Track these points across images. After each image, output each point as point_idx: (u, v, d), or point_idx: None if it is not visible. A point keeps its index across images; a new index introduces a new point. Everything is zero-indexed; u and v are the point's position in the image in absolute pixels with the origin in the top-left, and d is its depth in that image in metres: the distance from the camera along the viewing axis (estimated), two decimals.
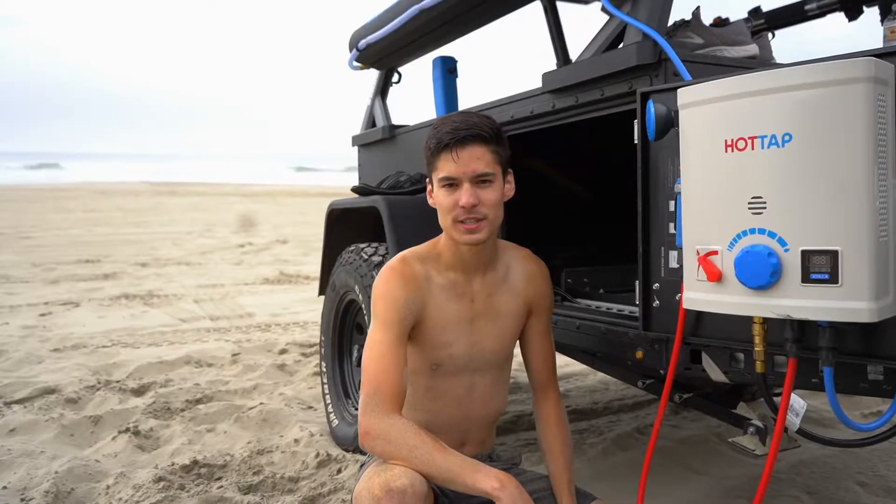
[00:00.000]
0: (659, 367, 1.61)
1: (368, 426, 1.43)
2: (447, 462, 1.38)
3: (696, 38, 1.77)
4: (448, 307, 1.60)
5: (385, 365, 1.48)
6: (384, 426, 1.41)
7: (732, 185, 1.22)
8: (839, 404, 1.26)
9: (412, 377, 1.65)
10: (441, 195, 1.54)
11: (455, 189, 1.52)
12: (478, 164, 1.50)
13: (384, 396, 1.45)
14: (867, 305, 1.10)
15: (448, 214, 1.53)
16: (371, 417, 1.43)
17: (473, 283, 1.63)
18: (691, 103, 1.29)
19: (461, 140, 1.50)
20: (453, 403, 1.66)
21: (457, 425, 1.68)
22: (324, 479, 2.25)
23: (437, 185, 1.55)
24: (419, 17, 2.42)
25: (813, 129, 1.12)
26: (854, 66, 1.09)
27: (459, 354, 1.62)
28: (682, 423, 2.81)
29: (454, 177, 1.51)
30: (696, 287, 1.30)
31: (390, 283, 1.55)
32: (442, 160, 1.52)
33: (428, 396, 1.65)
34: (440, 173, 1.53)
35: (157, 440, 2.66)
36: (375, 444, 1.42)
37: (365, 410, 1.45)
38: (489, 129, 1.53)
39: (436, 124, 1.58)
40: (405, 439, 1.40)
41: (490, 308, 1.64)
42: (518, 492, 1.36)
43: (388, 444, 1.40)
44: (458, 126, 1.51)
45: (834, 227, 1.11)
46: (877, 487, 2.21)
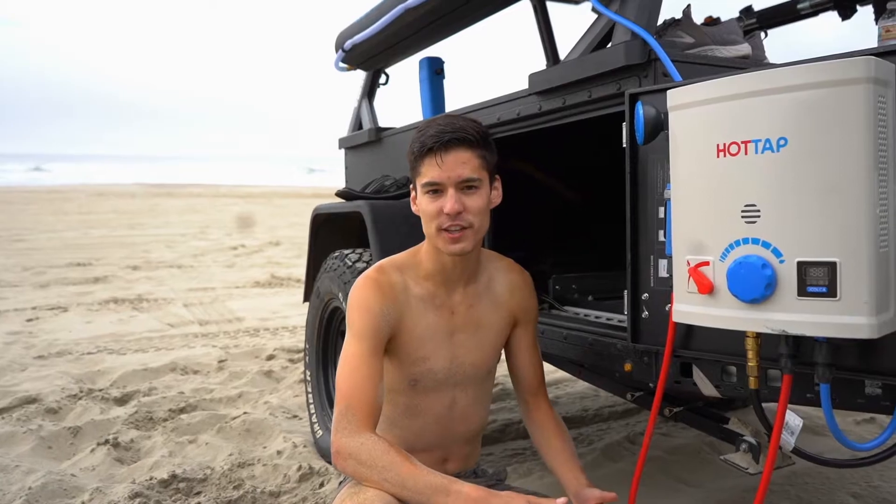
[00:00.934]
0: (648, 380, 1.55)
1: (340, 445, 1.36)
2: (417, 484, 1.31)
3: (686, 37, 1.71)
4: (426, 319, 1.53)
5: (358, 379, 1.41)
6: (355, 445, 1.34)
7: (725, 192, 1.15)
8: (836, 423, 1.19)
9: (391, 394, 1.58)
10: (425, 201, 1.47)
11: (439, 195, 1.45)
12: (463, 169, 1.43)
13: (356, 413, 1.38)
14: (867, 321, 1.03)
15: (432, 222, 1.46)
16: (343, 436, 1.36)
17: (454, 295, 1.56)
18: (681, 105, 1.23)
19: (446, 144, 1.43)
20: (434, 420, 1.59)
21: (438, 443, 1.62)
22: (305, 493, 2.19)
23: (421, 191, 1.48)
24: (404, 16, 2.36)
25: (809, 132, 1.05)
26: (853, 66, 1.02)
27: (438, 369, 1.55)
28: (673, 432, 2.74)
29: (438, 182, 1.44)
30: (687, 299, 1.24)
31: (365, 293, 1.48)
32: (426, 165, 1.45)
33: (407, 414, 1.58)
34: (424, 178, 1.46)
35: (137, 452, 2.58)
36: (347, 465, 1.35)
37: (337, 428, 1.38)
38: (476, 133, 1.47)
39: (420, 127, 1.51)
40: (376, 459, 1.33)
41: (471, 320, 1.57)
42: None
43: (360, 465, 1.33)
44: (444, 129, 1.44)
45: (832, 237, 1.05)
46: (871, 499, 2.15)
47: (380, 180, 2.55)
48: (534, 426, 1.67)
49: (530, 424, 1.69)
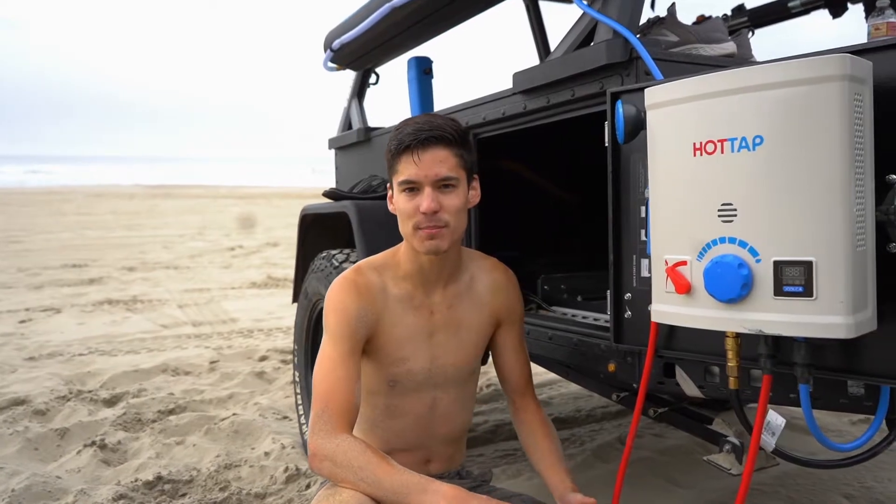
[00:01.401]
0: (631, 380, 1.54)
1: (315, 447, 1.35)
2: (393, 484, 1.30)
3: (671, 35, 1.69)
4: (405, 320, 1.51)
5: (334, 381, 1.40)
6: (331, 447, 1.33)
7: (701, 192, 1.14)
8: (816, 424, 1.18)
9: (371, 395, 1.57)
10: (401, 200, 1.46)
11: (416, 194, 1.43)
12: (440, 167, 1.42)
13: (332, 415, 1.37)
14: (844, 320, 1.02)
15: (408, 221, 1.45)
16: (318, 437, 1.35)
17: (433, 295, 1.54)
18: (658, 104, 1.22)
19: (423, 142, 1.41)
20: (414, 421, 1.58)
21: (420, 444, 1.60)
22: (291, 494, 2.17)
23: (398, 190, 1.46)
24: (391, 15, 2.35)
25: (785, 130, 1.04)
26: (828, 64, 1.01)
27: (418, 370, 1.54)
28: (665, 433, 2.73)
29: (415, 181, 1.42)
30: (665, 299, 1.22)
31: (342, 294, 1.47)
32: (403, 163, 1.44)
33: (388, 415, 1.57)
34: (401, 176, 1.44)
35: (123, 454, 2.57)
36: (323, 466, 1.35)
37: (313, 430, 1.37)
38: (453, 132, 1.45)
39: (398, 125, 1.50)
40: (351, 461, 1.32)
41: (451, 321, 1.56)
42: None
43: (335, 467, 1.32)
44: (421, 127, 1.43)
45: (808, 236, 1.03)
46: (863, 500, 2.13)
47: (367, 180, 2.54)
48: (521, 427, 1.66)
49: (518, 425, 1.68)
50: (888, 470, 2.36)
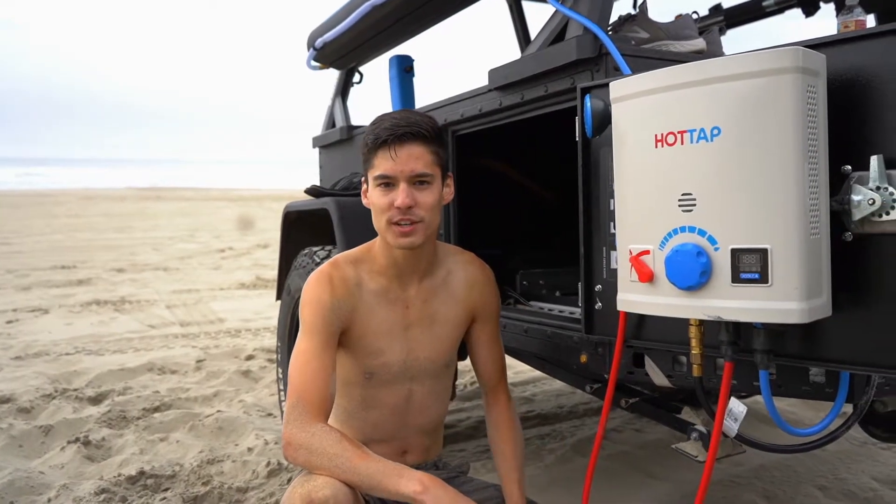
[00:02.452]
0: (602, 371, 1.56)
1: (290, 437, 1.37)
2: (369, 469, 1.32)
3: (642, 32, 1.72)
4: (380, 314, 1.54)
5: (309, 373, 1.42)
6: (306, 436, 1.36)
7: (663, 182, 1.17)
8: (776, 409, 1.21)
9: (347, 387, 1.59)
10: (376, 195, 1.48)
11: (391, 189, 1.46)
12: (416, 163, 1.44)
13: (306, 405, 1.39)
14: (798, 306, 1.05)
15: (382, 215, 1.47)
16: (293, 427, 1.37)
17: (409, 289, 1.57)
18: (622, 97, 1.25)
19: (400, 137, 1.43)
20: (390, 412, 1.60)
21: (395, 434, 1.62)
22: (273, 489, 2.19)
23: (373, 184, 1.49)
24: (372, 13, 2.37)
25: (741, 122, 1.07)
26: (782, 56, 1.04)
27: (393, 362, 1.56)
28: (645, 428, 2.76)
29: (391, 175, 1.45)
30: (630, 288, 1.25)
31: (317, 287, 1.49)
32: (379, 157, 1.46)
33: (364, 406, 1.60)
34: (376, 171, 1.47)
35: (107, 450, 2.58)
36: (298, 455, 1.37)
37: (288, 420, 1.39)
38: (430, 129, 1.47)
39: (375, 121, 1.52)
40: (326, 448, 1.34)
41: (426, 315, 1.58)
42: (443, 492, 1.32)
43: (310, 455, 1.35)
44: (398, 123, 1.46)
45: (763, 225, 1.06)
46: (836, 491, 2.17)
47: (349, 177, 2.56)
48: (490, 424, 1.69)
49: (488, 421, 1.70)
50: (861, 462, 2.39)
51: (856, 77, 1.09)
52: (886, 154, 1.06)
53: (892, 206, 1.05)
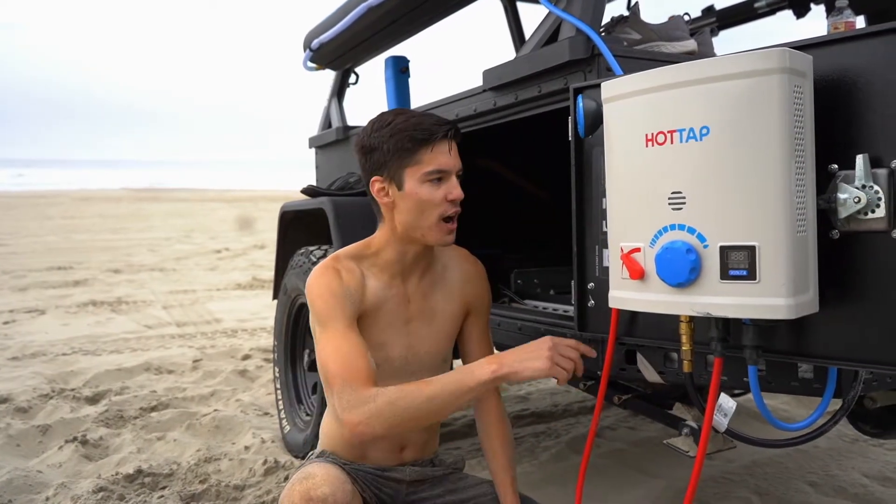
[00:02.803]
0: (595, 368, 1.58)
1: (353, 419, 1.33)
2: (442, 388, 1.34)
3: (634, 33, 1.75)
4: (384, 308, 1.55)
5: (342, 356, 1.39)
6: (369, 409, 1.32)
7: (653, 181, 1.19)
8: (765, 404, 1.23)
9: None
10: (426, 190, 1.47)
11: (441, 184, 1.48)
12: (458, 159, 1.51)
13: (353, 382, 1.36)
14: (784, 302, 1.07)
15: (434, 210, 1.47)
16: (351, 409, 1.33)
17: (409, 285, 1.59)
18: (614, 97, 1.27)
19: (453, 133, 1.49)
20: None
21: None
22: (270, 486, 2.21)
23: (420, 180, 1.47)
24: (367, 15, 2.39)
25: (729, 121, 1.09)
26: (769, 57, 1.06)
27: (395, 357, 1.58)
28: (639, 425, 2.78)
29: (446, 170, 1.47)
30: (621, 285, 1.27)
31: (325, 279, 1.49)
32: (433, 152, 1.46)
33: None
34: (429, 166, 1.46)
35: (105, 449, 2.59)
36: (374, 428, 1.33)
37: (343, 407, 1.34)
38: None
39: (400, 120, 1.50)
40: (394, 402, 1.32)
41: (426, 309, 1.60)
42: (511, 356, 1.37)
43: (383, 418, 1.32)
44: (439, 120, 1.50)
45: (751, 222, 1.08)
46: (827, 487, 2.19)
47: (345, 177, 2.58)
48: (480, 422, 1.70)
49: (478, 419, 1.71)
50: (852, 459, 2.42)
51: (842, 78, 1.12)
52: (871, 153, 1.08)
53: (877, 204, 1.07)
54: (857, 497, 2.13)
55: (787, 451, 2.48)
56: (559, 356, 1.38)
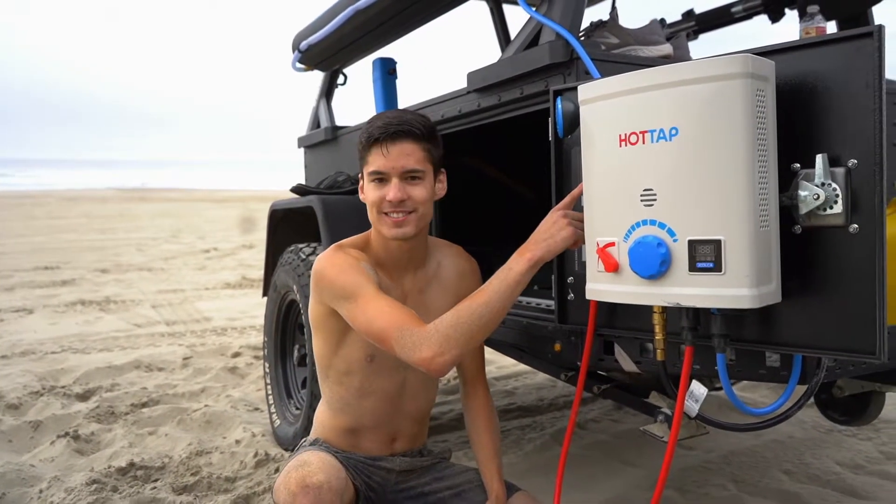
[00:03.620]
0: (575, 358, 1.65)
1: (428, 354, 1.36)
2: (492, 291, 1.39)
3: (612, 37, 1.81)
4: None
5: (388, 309, 1.44)
6: (437, 339, 1.36)
7: (627, 179, 1.25)
8: (733, 390, 1.30)
9: (346, 377, 1.65)
10: (369, 189, 1.55)
11: (384, 184, 1.52)
12: (407, 160, 1.51)
13: (411, 325, 1.40)
14: (748, 292, 1.14)
15: (374, 208, 1.54)
16: (422, 348, 1.36)
17: (404, 280, 1.64)
18: (590, 99, 1.33)
19: (392, 135, 1.51)
20: (385, 400, 1.67)
21: (388, 421, 1.70)
22: (261, 478, 2.26)
23: (367, 179, 1.55)
24: (356, 17, 2.45)
25: (696, 122, 1.16)
26: (732, 63, 1.13)
27: None
28: (622, 419, 2.86)
29: (383, 171, 1.52)
30: (597, 278, 1.34)
31: (339, 258, 1.54)
32: (372, 154, 1.53)
33: (360, 394, 1.66)
34: (370, 167, 1.53)
35: (97, 444, 2.64)
36: (450, 353, 1.36)
37: (413, 348, 1.37)
38: (422, 127, 1.54)
39: (370, 119, 1.59)
40: (455, 324, 1.37)
41: (421, 304, 1.65)
42: (536, 240, 1.41)
43: (454, 340, 1.36)
44: (391, 122, 1.53)
45: (717, 218, 1.15)
46: (801, 475, 2.27)
47: (333, 176, 2.63)
48: (468, 413, 1.76)
49: (466, 410, 1.77)
50: (826, 448, 2.50)
51: (803, 82, 1.19)
52: (830, 153, 1.15)
53: (835, 200, 1.15)
54: (829, 483, 2.21)
55: (764, 442, 2.56)
56: (574, 220, 1.41)
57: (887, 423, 2.73)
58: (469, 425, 1.75)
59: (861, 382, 1.86)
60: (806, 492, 2.14)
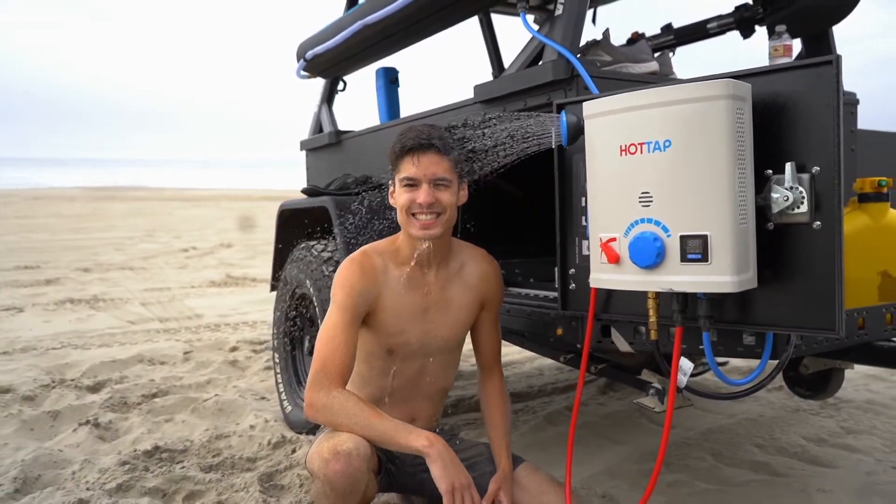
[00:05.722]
0: (576, 341, 1.86)
1: (313, 399, 1.63)
2: (384, 426, 1.60)
3: (605, 56, 2.03)
4: (404, 297, 1.79)
5: (335, 345, 1.68)
6: (328, 399, 1.62)
7: (626, 183, 1.46)
8: (717, 364, 1.52)
9: (369, 357, 1.84)
10: (400, 193, 1.73)
11: (414, 189, 1.72)
12: (437, 168, 1.70)
13: (329, 373, 1.64)
14: (730, 279, 1.36)
15: (404, 210, 1.73)
16: (316, 391, 1.63)
17: (428, 276, 1.83)
18: (594, 114, 1.54)
19: (423, 147, 1.70)
20: (405, 382, 1.86)
21: (408, 402, 1.89)
22: (280, 458, 2.43)
23: (399, 185, 1.74)
24: (362, 31, 2.63)
25: (686, 136, 1.37)
26: (716, 86, 1.34)
27: (413, 342, 1.82)
28: (607, 402, 3.09)
29: (414, 178, 1.71)
30: (600, 269, 1.55)
31: (349, 273, 1.74)
32: (404, 163, 1.72)
33: (382, 374, 1.85)
34: (402, 174, 1.73)
35: (116, 431, 2.78)
36: (319, 415, 1.63)
37: (311, 386, 1.64)
38: (449, 141, 1.74)
39: (402, 131, 1.77)
40: (346, 409, 1.61)
41: (443, 300, 1.85)
42: (443, 447, 1.60)
43: (331, 415, 1.61)
44: (422, 134, 1.72)
45: (704, 216, 1.37)
46: (771, 448, 2.52)
47: (341, 178, 2.81)
48: (484, 396, 1.97)
49: (482, 393, 1.98)
50: (793, 425, 2.76)
51: (774, 101, 1.41)
52: (797, 161, 1.38)
53: (801, 201, 1.37)
54: (796, 455, 2.45)
55: (737, 420, 2.81)
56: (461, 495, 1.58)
57: (847, 403, 3.00)
58: (484, 406, 1.95)
59: (823, 360, 2.11)
60: (776, 462, 2.39)
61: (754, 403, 3.05)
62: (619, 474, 2.31)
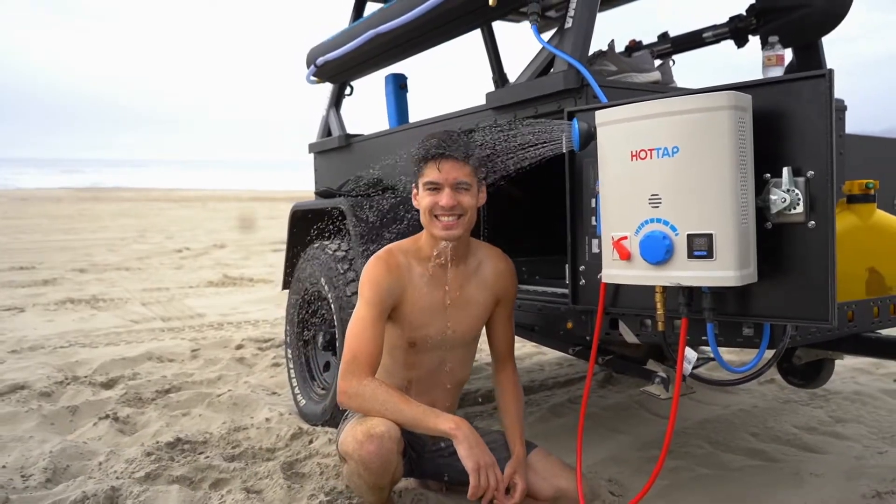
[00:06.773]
0: (585, 334, 1.98)
1: (345, 387, 1.74)
2: (413, 411, 1.72)
3: (610, 65, 2.15)
4: (426, 293, 1.92)
5: (365, 338, 1.79)
6: (359, 387, 1.73)
7: (637, 186, 1.59)
8: (720, 353, 1.65)
9: (392, 350, 1.96)
10: (424, 196, 1.86)
11: (437, 192, 1.84)
12: (459, 173, 1.83)
13: (360, 363, 1.76)
14: (733, 274, 1.48)
15: (429, 212, 1.85)
16: (348, 380, 1.75)
17: (448, 274, 1.95)
18: (606, 122, 1.66)
19: (445, 153, 1.82)
20: (426, 374, 1.99)
21: (427, 392, 2.01)
22: (298, 448, 2.54)
23: (423, 189, 1.86)
24: (374, 40, 2.74)
25: (693, 143, 1.50)
26: (719, 97, 1.47)
27: (433, 335, 1.94)
28: (608, 395, 3.22)
29: (437, 182, 1.83)
30: (612, 265, 1.67)
31: (376, 270, 1.86)
32: (428, 168, 1.84)
33: (404, 367, 1.97)
34: (425, 178, 1.85)
35: (135, 425, 2.87)
36: (352, 402, 1.74)
37: (343, 375, 1.76)
38: (467, 149, 1.86)
39: (425, 137, 1.89)
40: (377, 396, 1.72)
41: (462, 297, 1.97)
42: (469, 429, 1.72)
43: (363, 401, 1.73)
44: (444, 141, 1.84)
45: (709, 216, 1.49)
46: (765, 436, 2.65)
47: (353, 181, 2.91)
48: (498, 386, 2.09)
49: (496, 383, 2.10)
50: (785, 414, 2.90)
51: (773, 111, 1.54)
52: (794, 166, 1.50)
53: (797, 203, 1.50)
54: (788, 442, 2.59)
55: (732, 411, 2.94)
56: (486, 473, 1.70)
57: (835, 394, 3.15)
58: (498, 395, 2.07)
59: (815, 351, 2.25)
60: (770, 448, 2.52)
61: (747, 395, 3.19)
62: (623, 461, 2.43)
